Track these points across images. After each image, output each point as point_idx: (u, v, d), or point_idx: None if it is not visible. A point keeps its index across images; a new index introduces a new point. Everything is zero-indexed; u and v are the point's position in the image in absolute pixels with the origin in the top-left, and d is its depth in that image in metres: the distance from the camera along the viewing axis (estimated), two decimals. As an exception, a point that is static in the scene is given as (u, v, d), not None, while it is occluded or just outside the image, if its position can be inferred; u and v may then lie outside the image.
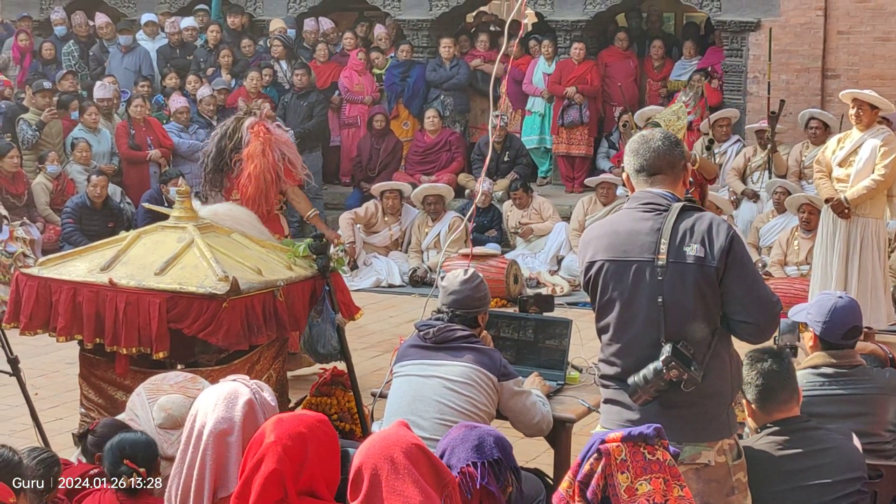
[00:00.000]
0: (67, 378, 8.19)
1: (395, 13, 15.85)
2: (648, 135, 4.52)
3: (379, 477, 3.34)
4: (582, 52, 14.57)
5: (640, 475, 3.75)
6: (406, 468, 3.34)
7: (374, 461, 3.38)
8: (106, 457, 4.45)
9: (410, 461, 3.37)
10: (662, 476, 3.77)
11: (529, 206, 13.13)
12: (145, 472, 4.38)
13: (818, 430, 4.67)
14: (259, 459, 3.61)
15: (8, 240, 11.36)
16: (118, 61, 15.88)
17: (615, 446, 3.78)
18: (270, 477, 3.55)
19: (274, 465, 3.56)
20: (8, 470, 3.83)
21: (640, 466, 3.76)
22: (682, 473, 4.26)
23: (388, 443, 3.42)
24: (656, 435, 3.80)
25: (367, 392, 6.65)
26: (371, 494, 3.34)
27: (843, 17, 13.51)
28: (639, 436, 3.78)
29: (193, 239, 6.31)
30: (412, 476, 3.33)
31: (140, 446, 4.45)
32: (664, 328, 4.24)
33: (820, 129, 12.28)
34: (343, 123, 15.29)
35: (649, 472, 3.76)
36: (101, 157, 13.66)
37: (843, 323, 5.08)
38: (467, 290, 5.49)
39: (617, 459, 3.77)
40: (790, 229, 11.49)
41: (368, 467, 3.38)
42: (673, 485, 3.77)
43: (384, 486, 3.32)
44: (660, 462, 3.79)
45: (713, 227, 4.27)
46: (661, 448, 3.80)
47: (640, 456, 3.78)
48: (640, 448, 3.78)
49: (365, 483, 3.37)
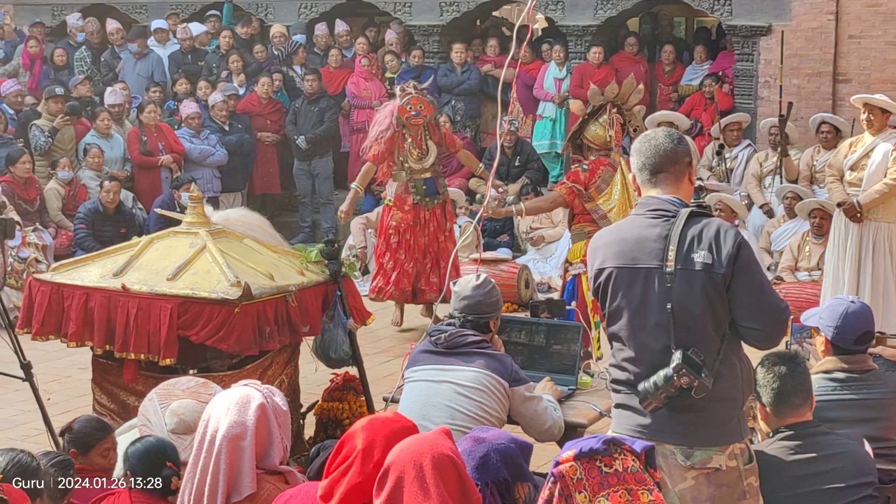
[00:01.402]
0: (80, 383, 8.22)
1: (406, 19, 15.86)
2: (651, 133, 4.53)
3: (402, 482, 3.33)
4: (601, 55, 14.57)
5: (597, 492, 3.69)
6: (432, 479, 3.31)
7: (402, 464, 3.35)
8: (141, 459, 4.44)
9: (438, 472, 3.33)
10: (624, 487, 3.70)
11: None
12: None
13: (829, 434, 4.67)
14: (347, 466, 3.61)
15: (20, 245, 11.40)
16: (131, 67, 15.93)
17: (568, 466, 3.73)
18: (356, 488, 3.57)
19: (359, 478, 3.57)
20: (27, 474, 3.85)
21: (596, 483, 3.70)
22: (693, 478, 4.28)
23: (421, 448, 3.39)
24: (607, 447, 3.75)
25: (378, 397, 6.66)
26: (393, 497, 3.33)
27: (854, 22, 13.48)
28: (589, 451, 3.74)
29: (206, 244, 6.33)
30: (436, 488, 3.30)
31: (171, 448, 4.47)
32: (674, 335, 4.24)
33: (831, 133, 12.24)
34: (352, 129, 15.32)
35: (607, 486, 3.70)
36: (114, 162, 13.69)
37: (856, 328, 5.08)
38: (479, 296, 5.50)
39: (573, 479, 3.72)
40: (801, 234, 11.47)
41: (396, 469, 3.36)
42: (639, 491, 3.72)
43: (405, 493, 3.31)
44: (618, 473, 3.72)
45: (721, 234, 4.27)
46: (620, 457, 3.75)
47: (595, 471, 3.71)
48: (594, 463, 3.72)
49: (388, 485, 3.35)
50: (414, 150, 10.13)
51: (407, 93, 10.07)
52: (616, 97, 8.37)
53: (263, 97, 14.83)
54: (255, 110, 14.88)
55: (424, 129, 10.14)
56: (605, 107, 8.35)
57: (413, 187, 10.23)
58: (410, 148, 10.10)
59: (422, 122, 10.05)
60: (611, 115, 8.33)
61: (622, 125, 8.44)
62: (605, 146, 8.33)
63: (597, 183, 8.21)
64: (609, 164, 8.31)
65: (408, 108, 10.00)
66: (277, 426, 4.14)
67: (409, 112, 9.99)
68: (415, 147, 10.12)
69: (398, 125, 10.08)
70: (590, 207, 8.26)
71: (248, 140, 14.53)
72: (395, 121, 10.07)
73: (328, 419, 6.69)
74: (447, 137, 10.34)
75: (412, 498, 3.28)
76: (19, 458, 3.88)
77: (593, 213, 8.25)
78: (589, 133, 8.37)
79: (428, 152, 10.18)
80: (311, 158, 14.54)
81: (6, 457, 3.88)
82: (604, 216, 8.19)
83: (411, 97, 9.98)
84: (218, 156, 14.08)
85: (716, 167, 13.37)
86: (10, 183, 12.11)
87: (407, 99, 10.00)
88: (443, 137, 10.29)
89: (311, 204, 14.77)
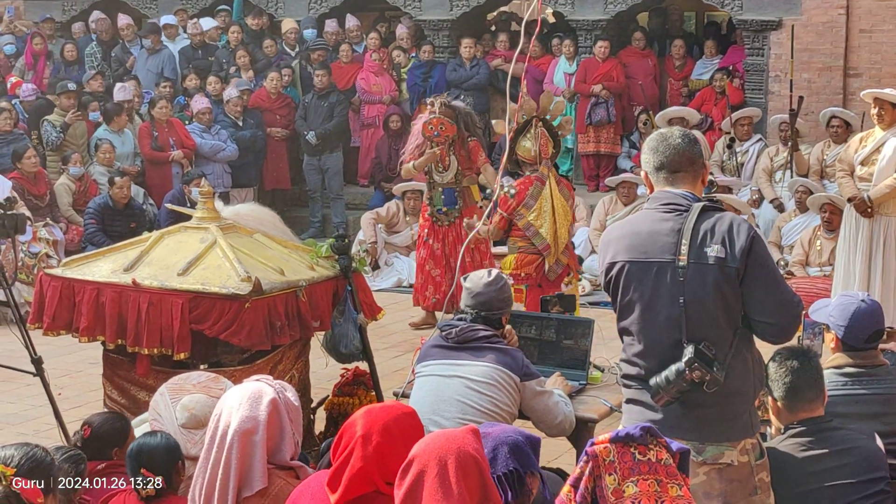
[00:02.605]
0: (91, 378, 8.23)
1: (416, 13, 15.85)
2: (667, 132, 4.51)
3: (424, 476, 3.32)
4: (606, 49, 14.55)
5: (627, 476, 3.69)
6: (454, 477, 3.29)
7: (426, 458, 3.34)
8: (126, 462, 4.47)
9: (461, 471, 3.31)
10: (654, 477, 3.70)
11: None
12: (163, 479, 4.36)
13: (841, 429, 4.66)
14: (349, 453, 3.65)
15: (31, 240, 11.42)
16: (143, 62, 15.94)
17: (603, 448, 3.73)
18: (358, 474, 3.62)
19: (360, 463, 3.61)
20: (41, 469, 3.84)
21: (627, 468, 3.70)
22: (705, 473, 4.27)
23: (447, 445, 3.38)
24: (643, 434, 3.75)
25: (389, 392, 6.66)
26: (412, 490, 3.33)
27: (865, 16, 13.45)
28: (626, 436, 3.74)
29: (216, 239, 6.33)
30: (458, 487, 3.29)
31: (159, 452, 4.43)
32: (686, 329, 4.24)
33: (841, 127, 12.23)
34: (362, 124, 15.32)
35: (637, 473, 3.70)
36: (125, 158, 13.70)
37: (866, 327, 5.05)
38: (491, 292, 5.49)
39: (605, 461, 3.72)
40: (812, 229, 11.45)
41: (419, 463, 3.35)
42: (668, 485, 3.72)
43: (425, 488, 3.30)
44: (651, 463, 3.72)
45: (734, 228, 4.26)
46: (656, 448, 3.76)
47: (628, 457, 3.71)
48: (629, 449, 3.72)
49: (409, 477, 3.35)
50: (439, 164, 10.29)
51: (431, 111, 10.21)
52: (538, 112, 8.83)
53: (272, 92, 14.83)
54: (264, 105, 14.88)
55: (449, 146, 10.22)
56: (531, 122, 8.78)
57: (430, 199, 10.47)
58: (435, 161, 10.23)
59: (443, 140, 10.14)
60: (537, 130, 8.76)
61: (552, 137, 8.90)
62: (534, 160, 8.75)
63: (525, 201, 8.69)
64: (537, 179, 8.77)
65: (430, 128, 10.13)
66: (289, 421, 4.14)
67: (430, 132, 10.13)
68: (439, 161, 10.25)
69: (424, 139, 10.25)
70: (522, 225, 8.77)
71: (260, 136, 14.54)
72: (422, 135, 10.24)
73: (339, 414, 6.69)
74: (472, 153, 10.38)
75: (432, 494, 3.27)
76: (34, 453, 3.87)
77: (526, 230, 8.76)
78: (519, 149, 8.81)
79: (449, 167, 10.30)
80: (321, 154, 14.55)
81: (20, 451, 3.87)
82: (535, 233, 8.73)
83: (434, 117, 10.11)
84: (228, 151, 14.09)
85: (726, 162, 13.34)
86: (19, 179, 12.10)
87: (430, 118, 10.14)
88: (468, 153, 10.34)
89: (321, 199, 14.78)
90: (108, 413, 5.43)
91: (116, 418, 5.26)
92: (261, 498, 4.04)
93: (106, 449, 5.01)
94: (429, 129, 10.13)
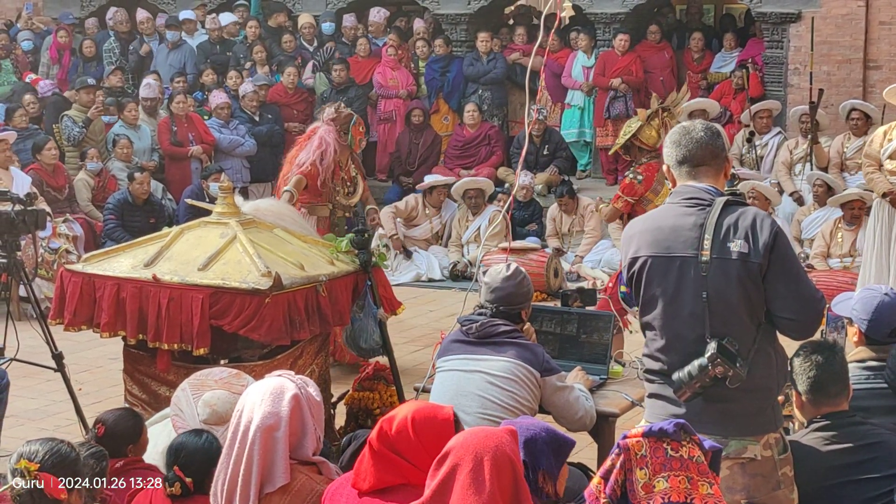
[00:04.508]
0: (111, 373, 8.25)
1: (434, 7, 15.84)
2: (689, 126, 4.49)
3: (457, 471, 3.29)
4: (626, 43, 14.50)
5: (658, 472, 3.68)
6: (489, 474, 3.27)
7: (462, 453, 3.32)
8: (166, 454, 4.46)
9: (496, 469, 3.28)
10: (685, 474, 3.69)
11: (576, 212, 13.01)
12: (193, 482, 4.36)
13: (864, 424, 4.64)
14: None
15: (51, 236, 11.44)
16: (163, 58, 15.96)
17: (636, 441, 3.72)
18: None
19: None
20: (65, 465, 3.83)
21: (659, 463, 3.69)
22: (728, 468, 4.25)
23: (485, 442, 3.34)
24: (677, 431, 3.73)
25: (409, 387, 6.66)
26: (445, 482, 3.31)
27: (885, 8, 13.40)
28: (659, 431, 3.72)
29: (236, 234, 6.33)
30: (491, 485, 3.26)
31: (198, 454, 4.42)
32: (709, 324, 4.22)
33: (861, 119, 12.20)
34: (379, 119, 15.31)
35: (669, 469, 3.69)
36: (142, 153, 13.73)
37: (890, 321, 5.03)
38: (510, 287, 5.47)
39: (637, 455, 3.71)
40: (833, 221, 11.40)
41: (455, 457, 3.32)
42: (699, 482, 3.71)
43: (458, 481, 3.28)
44: (683, 459, 3.71)
45: (757, 223, 4.24)
46: (688, 445, 3.74)
47: (661, 452, 3.70)
48: (662, 444, 3.71)
49: (444, 470, 3.32)
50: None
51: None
52: (673, 103, 8.90)
53: (290, 87, 14.84)
54: (281, 100, 14.89)
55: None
56: (657, 111, 8.78)
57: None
58: None
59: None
60: (662, 119, 8.74)
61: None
62: (654, 147, 8.68)
63: (653, 186, 8.60)
64: (661, 165, 8.57)
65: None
66: (311, 417, 4.13)
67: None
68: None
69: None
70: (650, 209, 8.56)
71: (277, 131, 14.55)
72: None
73: (359, 409, 6.69)
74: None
75: (464, 488, 3.25)
76: (58, 449, 3.86)
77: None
78: (643, 136, 8.72)
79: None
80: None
81: (45, 446, 3.85)
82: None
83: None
84: (247, 146, 14.11)
85: (746, 155, 13.30)
86: (38, 171, 12.14)
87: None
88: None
89: (339, 194, 14.74)
90: (121, 410, 5.43)
91: (129, 415, 5.27)
92: (283, 494, 4.03)
93: (121, 446, 5.02)
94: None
